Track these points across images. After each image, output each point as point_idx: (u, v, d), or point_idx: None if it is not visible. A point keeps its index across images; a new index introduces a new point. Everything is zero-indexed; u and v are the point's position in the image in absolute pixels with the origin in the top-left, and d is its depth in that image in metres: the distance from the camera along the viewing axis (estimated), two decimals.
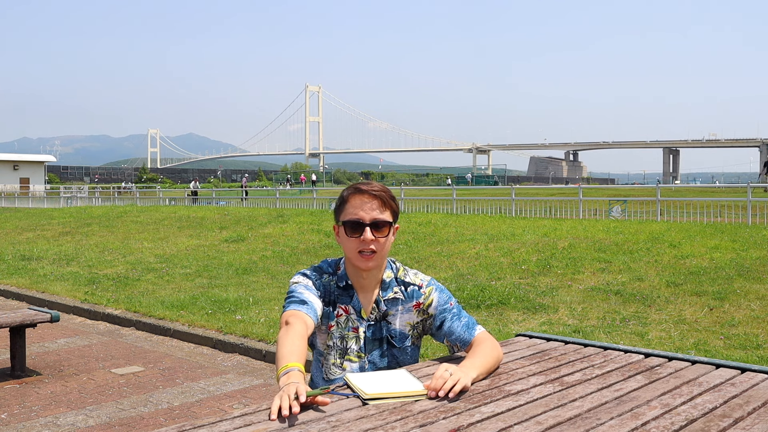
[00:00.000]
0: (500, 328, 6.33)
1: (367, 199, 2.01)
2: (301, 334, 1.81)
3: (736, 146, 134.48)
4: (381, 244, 2.00)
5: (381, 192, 2.02)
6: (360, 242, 1.99)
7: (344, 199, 2.04)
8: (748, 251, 8.80)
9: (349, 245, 2.01)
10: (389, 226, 2.02)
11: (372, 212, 2.00)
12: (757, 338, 5.71)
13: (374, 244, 1.99)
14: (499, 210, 16.86)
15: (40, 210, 26.42)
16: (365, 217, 1.99)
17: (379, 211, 2.01)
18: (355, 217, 2.00)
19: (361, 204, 2.01)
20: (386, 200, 2.03)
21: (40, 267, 11.57)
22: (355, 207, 2.01)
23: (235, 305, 7.74)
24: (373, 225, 1.99)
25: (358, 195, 2.02)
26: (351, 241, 2.00)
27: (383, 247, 2.02)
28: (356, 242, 1.99)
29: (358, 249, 1.99)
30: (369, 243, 1.98)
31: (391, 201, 2.04)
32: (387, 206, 2.03)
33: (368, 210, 2.00)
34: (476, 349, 1.97)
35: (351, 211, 2.01)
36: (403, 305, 2.08)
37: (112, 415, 4.56)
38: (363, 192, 2.02)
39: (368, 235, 1.98)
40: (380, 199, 2.02)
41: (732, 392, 1.72)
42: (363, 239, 1.98)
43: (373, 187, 2.03)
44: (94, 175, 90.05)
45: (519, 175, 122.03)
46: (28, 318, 5.56)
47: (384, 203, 2.02)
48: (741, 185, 19.36)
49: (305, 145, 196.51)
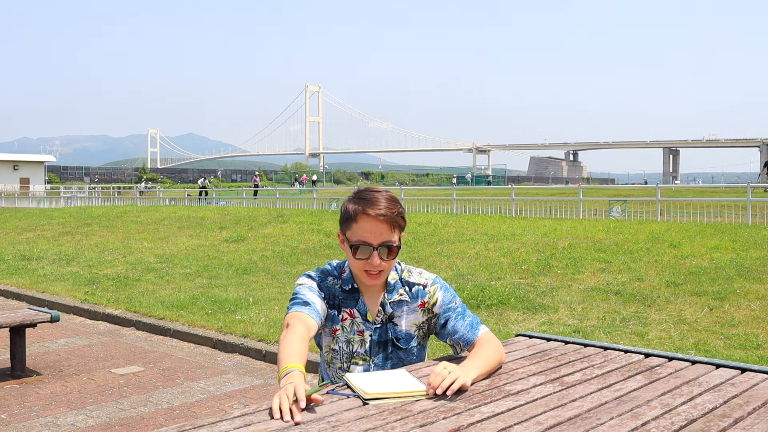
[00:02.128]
0: (500, 328, 6.33)
1: (375, 223, 1.94)
2: (301, 335, 1.81)
3: (736, 146, 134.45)
4: (388, 264, 1.99)
5: (389, 213, 1.95)
6: (366, 264, 1.97)
7: (351, 216, 1.98)
8: (748, 251, 8.80)
9: (355, 263, 1.99)
10: (397, 249, 1.98)
11: (381, 236, 1.95)
12: (757, 338, 5.71)
13: (382, 265, 1.97)
14: (499, 210, 16.86)
15: (40, 210, 26.42)
16: (373, 242, 1.95)
17: (388, 234, 1.96)
18: (364, 240, 1.96)
19: (369, 228, 1.95)
20: (394, 220, 1.96)
21: (40, 267, 11.57)
22: (364, 230, 1.96)
23: (235, 305, 7.74)
24: (381, 249, 1.96)
25: (366, 218, 1.95)
26: (357, 261, 1.98)
27: (391, 266, 2.01)
28: (363, 263, 1.97)
29: (363, 268, 1.98)
30: (375, 267, 1.97)
31: (399, 219, 1.98)
32: (396, 227, 1.97)
33: (377, 234, 1.95)
34: (478, 349, 1.96)
35: (359, 233, 1.96)
36: (408, 306, 2.07)
37: (112, 415, 4.56)
38: (371, 216, 1.94)
39: (375, 260, 1.95)
40: (389, 223, 1.95)
41: (732, 392, 1.72)
42: (370, 263, 1.96)
43: (379, 208, 1.94)
44: (94, 175, 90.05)
45: (519, 175, 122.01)
46: (28, 318, 5.56)
47: (392, 226, 1.96)
48: (741, 185, 19.36)
49: (305, 145, 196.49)
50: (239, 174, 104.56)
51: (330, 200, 21.15)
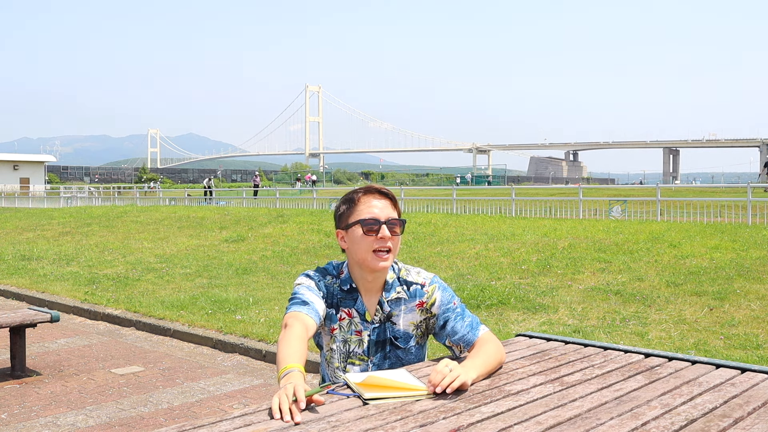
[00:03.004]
0: (500, 328, 6.33)
1: (379, 198, 2.04)
2: (300, 335, 1.82)
3: (736, 146, 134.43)
4: (396, 241, 2.02)
5: (389, 192, 2.07)
6: (377, 240, 1.98)
7: (354, 200, 2.05)
8: (748, 251, 8.80)
9: (363, 245, 2.00)
10: (402, 224, 2.04)
11: (386, 210, 2.02)
12: (757, 338, 5.71)
13: (390, 241, 2.00)
14: (499, 210, 16.86)
15: (40, 210, 26.42)
16: (381, 215, 2.00)
17: (392, 210, 2.04)
18: (371, 216, 2.00)
19: (374, 203, 2.03)
20: (393, 198, 2.07)
21: (40, 267, 11.57)
22: (369, 206, 2.02)
23: (235, 305, 7.74)
24: (389, 223, 2.00)
25: (370, 195, 2.04)
26: (366, 240, 1.99)
27: (396, 247, 2.04)
28: (372, 241, 1.99)
29: (373, 248, 1.99)
30: (386, 240, 1.99)
31: (396, 201, 2.09)
32: (395, 205, 2.07)
33: (382, 208, 2.02)
34: (478, 349, 1.96)
35: (365, 210, 2.02)
36: (406, 305, 2.07)
37: (112, 415, 4.56)
38: (374, 192, 2.05)
39: (386, 232, 1.99)
40: (390, 199, 2.06)
41: (732, 392, 1.72)
42: (381, 236, 1.98)
43: (377, 187, 2.07)
44: (94, 175, 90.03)
45: (519, 175, 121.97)
46: (28, 318, 5.56)
47: (393, 203, 2.06)
48: (741, 185, 19.36)
49: (305, 145, 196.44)
50: (239, 174, 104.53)
51: (330, 200, 21.16)
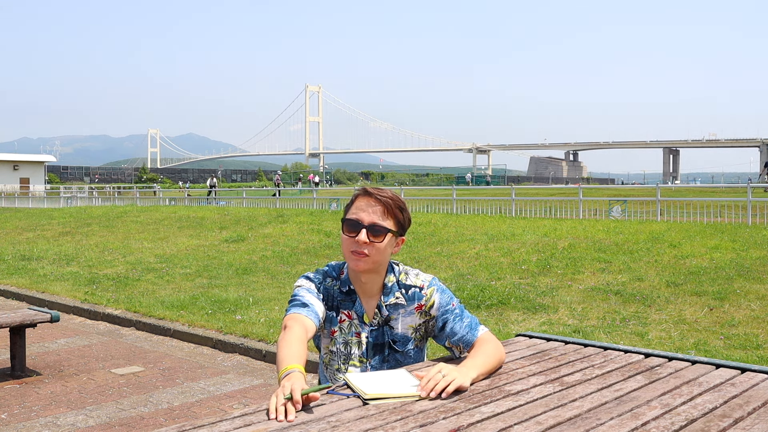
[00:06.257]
0: (500, 328, 6.33)
1: (371, 203, 2.01)
2: (299, 337, 1.82)
3: (736, 146, 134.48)
4: (376, 248, 1.99)
5: (388, 199, 2.01)
6: (354, 242, 1.99)
7: (352, 200, 2.06)
8: (748, 251, 8.80)
9: (345, 245, 2.02)
10: (386, 233, 2.00)
11: (373, 216, 1.99)
12: (757, 338, 5.71)
13: (367, 247, 1.97)
14: (499, 210, 16.86)
15: (40, 210, 26.42)
16: (365, 219, 1.99)
17: (381, 216, 2.00)
18: (354, 217, 2.01)
19: (365, 206, 2.01)
20: (391, 208, 2.01)
21: (40, 267, 11.57)
22: (358, 208, 2.02)
23: (235, 305, 7.74)
24: (371, 228, 1.98)
25: (364, 197, 2.03)
26: (347, 240, 2.01)
27: (379, 253, 2.00)
28: (351, 241, 1.99)
29: (351, 249, 2.00)
30: (362, 245, 1.97)
31: (397, 211, 2.02)
32: (390, 214, 2.01)
33: (370, 213, 2.00)
34: (478, 349, 1.96)
35: (353, 211, 2.02)
36: (404, 309, 2.07)
37: (112, 415, 4.56)
38: (370, 195, 2.03)
39: (362, 236, 1.97)
40: (385, 206, 2.01)
41: (732, 392, 1.72)
42: (357, 240, 1.98)
43: (382, 192, 2.03)
44: (94, 175, 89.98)
45: (519, 175, 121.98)
46: (28, 318, 5.56)
47: (388, 211, 2.01)
48: (741, 185, 19.36)
49: (305, 146, 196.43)
50: (239, 174, 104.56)
51: (330, 200, 21.15)
